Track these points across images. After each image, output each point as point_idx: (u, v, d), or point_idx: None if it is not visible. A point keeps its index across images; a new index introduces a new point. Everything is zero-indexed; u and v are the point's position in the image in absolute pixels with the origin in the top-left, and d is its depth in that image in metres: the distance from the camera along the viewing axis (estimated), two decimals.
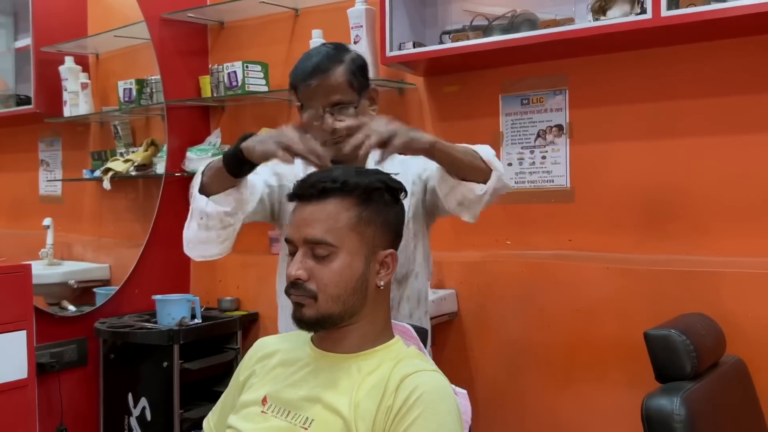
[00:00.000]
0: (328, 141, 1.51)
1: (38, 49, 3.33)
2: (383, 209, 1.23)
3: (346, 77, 1.55)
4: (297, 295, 1.20)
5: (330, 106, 1.52)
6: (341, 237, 1.18)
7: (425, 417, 1.08)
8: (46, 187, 3.89)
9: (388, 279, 1.24)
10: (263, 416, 1.20)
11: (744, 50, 1.94)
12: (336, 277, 1.17)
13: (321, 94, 1.52)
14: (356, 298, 1.19)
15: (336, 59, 1.56)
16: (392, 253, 1.24)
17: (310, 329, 1.24)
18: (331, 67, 1.54)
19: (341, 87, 1.54)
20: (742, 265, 1.94)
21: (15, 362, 2.06)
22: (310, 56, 1.57)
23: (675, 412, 1.43)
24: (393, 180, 1.26)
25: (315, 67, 1.54)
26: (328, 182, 1.20)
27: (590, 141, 2.21)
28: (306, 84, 1.53)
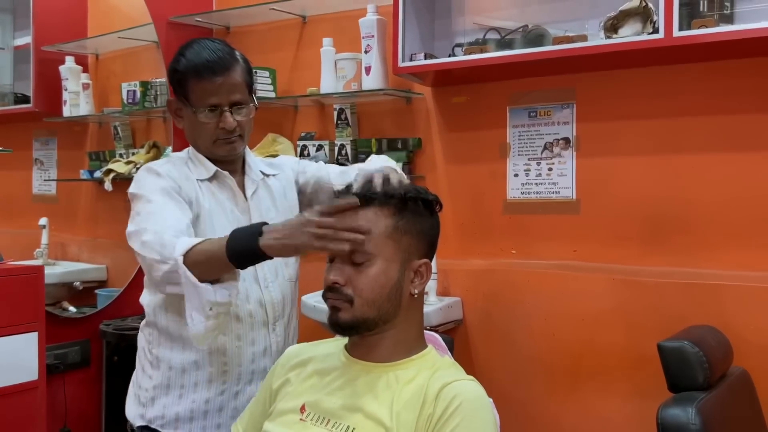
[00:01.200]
0: (220, 140, 1.54)
1: (38, 48, 3.32)
2: (419, 220, 1.27)
3: (244, 77, 1.56)
4: (334, 299, 1.23)
5: (229, 105, 1.52)
6: (378, 244, 1.22)
7: (465, 425, 1.12)
8: (39, 186, 3.86)
9: (422, 288, 1.28)
10: (302, 424, 1.23)
11: (751, 71, 2.00)
12: (372, 282, 1.21)
13: (224, 91, 1.51)
14: (391, 304, 1.23)
15: (234, 57, 1.55)
16: (426, 263, 1.27)
17: (344, 333, 1.27)
18: (233, 65, 1.54)
19: (240, 86, 1.55)
20: (745, 278, 2.00)
21: (26, 364, 2.06)
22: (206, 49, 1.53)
23: (691, 422, 1.47)
24: (428, 193, 1.30)
25: (220, 62, 1.51)
26: (369, 192, 1.25)
27: (597, 154, 2.26)
28: (209, 79, 1.50)
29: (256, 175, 1.66)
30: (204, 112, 1.52)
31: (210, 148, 1.57)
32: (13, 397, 2.02)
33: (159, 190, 1.49)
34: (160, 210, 1.46)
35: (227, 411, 1.59)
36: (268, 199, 1.66)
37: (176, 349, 1.57)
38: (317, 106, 2.82)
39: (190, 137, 1.61)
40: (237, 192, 1.62)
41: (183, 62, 1.53)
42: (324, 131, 2.80)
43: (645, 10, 1.96)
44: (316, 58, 2.66)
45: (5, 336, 2.02)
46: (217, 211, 1.57)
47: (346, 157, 2.65)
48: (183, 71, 1.53)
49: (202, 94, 1.51)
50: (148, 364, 1.61)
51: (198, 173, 1.58)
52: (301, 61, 2.85)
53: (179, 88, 1.55)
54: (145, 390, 1.59)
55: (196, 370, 1.56)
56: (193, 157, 1.61)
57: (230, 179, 1.61)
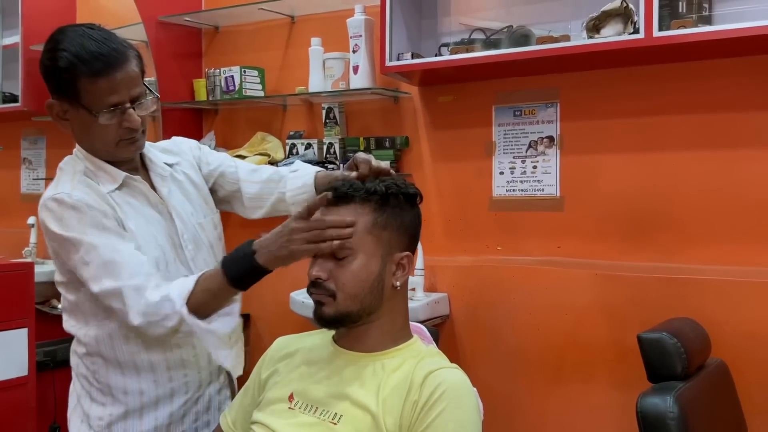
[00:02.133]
0: (124, 140, 1.39)
1: (27, 47, 3.33)
2: (399, 213, 1.29)
3: (139, 66, 1.39)
4: (317, 294, 1.27)
5: (131, 101, 1.36)
6: (358, 240, 1.24)
7: (449, 411, 1.15)
8: (28, 185, 3.87)
9: (405, 279, 1.31)
10: (291, 412, 1.26)
11: (729, 70, 2.06)
12: (353, 277, 1.24)
13: (124, 88, 1.34)
14: (373, 297, 1.26)
15: (125, 46, 1.37)
16: (408, 255, 1.30)
17: (329, 326, 1.30)
18: (128, 56, 1.36)
19: (138, 78, 1.38)
20: (723, 273, 2.05)
21: (16, 360, 2.07)
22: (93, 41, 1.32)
23: (669, 410, 1.52)
24: (409, 186, 1.32)
25: (115, 57, 1.33)
26: (349, 189, 1.27)
27: (580, 152, 2.31)
28: (109, 78, 1.31)
29: (163, 169, 1.53)
30: (104, 114, 1.34)
31: (112, 151, 1.41)
32: (4, 392, 2.04)
33: (90, 227, 1.35)
34: (110, 254, 1.34)
35: (190, 416, 1.55)
36: (180, 194, 1.55)
37: (130, 375, 1.47)
38: (306, 105, 2.85)
39: (84, 141, 1.43)
40: (151, 195, 1.49)
41: (66, 58, 1.31)
42: (312, 130, 2.83)
43: (626, 11, 2.01)
44: (304, 57, 2.69)
45: None
46: (139, 222, 1.44)
47: (335, 155, 2.69)
48: (70, 69, 1.31)
49: (99, 94, 1.32)
50: (96, 391, 1.50)
51: (105, 185, 1.42)
52: (290, 61, 2.88)
53: (65, 88, 1.34)
54: (98, 418, 1.48)
55: (155, 389, 1.49)
56: (90, 166, 1.43)
57: (141, 183, 1.47)
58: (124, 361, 1.47)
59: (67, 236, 1.35)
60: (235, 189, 1.65)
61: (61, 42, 1.34)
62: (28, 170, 3.86)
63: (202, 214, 1.58)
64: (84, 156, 1.45)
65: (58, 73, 1.34)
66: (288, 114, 2.91)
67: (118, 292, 1.34)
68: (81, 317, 1.48)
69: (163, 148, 1.60)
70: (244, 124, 3.01)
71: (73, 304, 1.48)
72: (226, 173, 1.64)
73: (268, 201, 1.63)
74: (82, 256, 1.35)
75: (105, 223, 1.37)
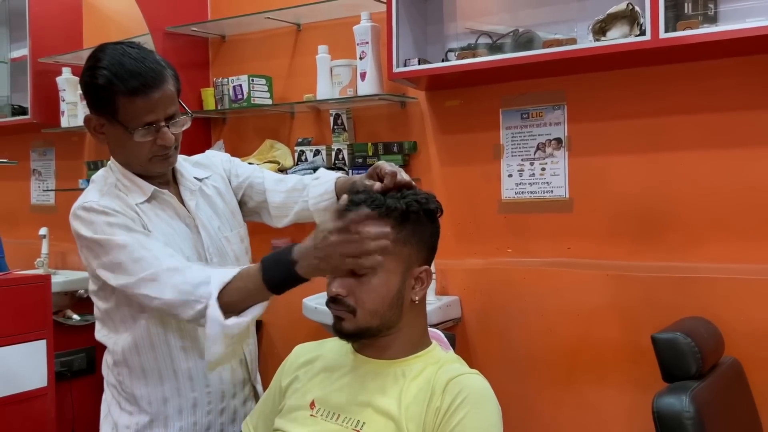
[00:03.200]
0: (157, 157, 1.43)
1: (35, 60, 3.36)
2: (419, 229, 1.29)
3: (175, 85, 1.42)
4: (337, 309, 1.27)
5: (166, 119, 1.40)
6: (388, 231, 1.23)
7: (472, 416, 1.17)
8: (38, 196, 3.90)
9: (423, 293, 1.31)
10: (313, 419, 1.28)
11: (735, 70, 2.07)
12: (373, 293, 1.24)
13: (161, 107, 1.38)
14: (392, 312, 1.26)
15: (162, 65, 1.41)
16: (427, 269, 1.31)
17: (349, 340, 1.31)
18: (166, 76, 1.39)
19: (174, 98, 1.42)
20: (734, 271, 2.06)
21: (36, 371, 2.09)
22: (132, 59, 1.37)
23: (685, 410, 1.53)
24: (429, 201, 1.32)
25: (153, 77, 1.36)
26: (370, 205, 1.26)
27: (588, 154, 2.32)
28: (147, 97, 1.35)
29: (192, 183, 1.58)
30: (139, 131, 1.38)
31: (146, 165, 1.46)
32: (25, 403, 2.06)
33: (119, 229, 1.39)
34: (140, 251, 1.37)
35: (215, 428, 1.57)
36: (207, 207, 1.59)
37: (153, 384, 1.51)
38: (313, 112, 2.87)
39: (119, 156, 1.47)
40: (179, 208, 1.53)
41: (106, 76, 1.36)
42: (321, 136, 2.85)
43: (632, 13, 2.02)
44: (311, 65, 2.71)
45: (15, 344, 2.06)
46: (167, 233, 1.48)
47: (343, 161, 2.71)
48: (108, 87, 1.36)
49: (135, 113, 1.37)
50: (123, 401, 1.55)
51: (134, 197, 1.47)
52: (297, 68, 2.91)
53: (103, 104, 1.38)
54: (125, 427, 1.53)
55: (178, 398, 1.52)
56: (122, 178, 1.48)
57: (169, 196, 1.52)
58: (149, 369, 1.51)
59: (97, 238, 1.39)
60: (262, 199, 1.68)
61: (101, 60, 1.38)
62: (37, 181, 3.90)
63: (229, 228, 1.61)
64: (117, 169, 1.49)
65: (97, 90, 1.38)
66: (296, 121, 2.93)
67: (154, 276, 1.36)
68: (111, 325, 1.53)
69: (196, 162, 1.64)
70: (253, 132, 3.04)
71: (104, 313, 1.53)
72: (254, 184, 1.68)
73: (292, 210, 1.65)
74: (113, 257, 1.38)
75: (132, 225, 1.41)
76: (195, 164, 1.64)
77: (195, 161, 1.65)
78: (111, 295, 1.49)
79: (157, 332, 1.49)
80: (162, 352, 1.50)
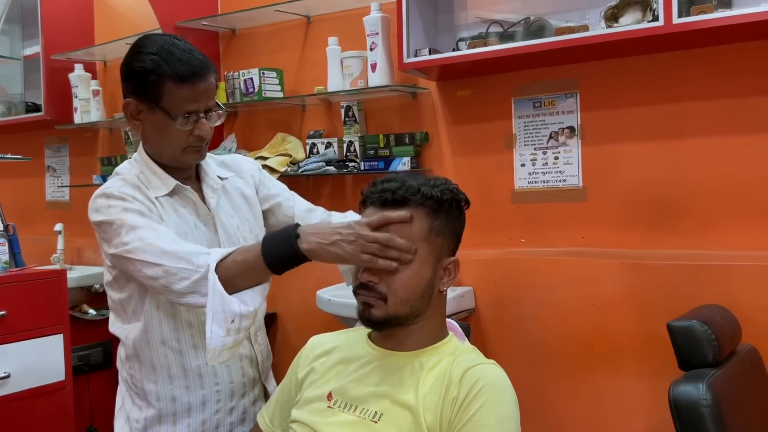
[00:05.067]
0: (191, 147, 1.46)
1: (48, 57, 3.38)
2: (451, 220, 1.29)
3: (216, 81, 1.47)
4: (367, 296, 1.26)
5: (206, 111, 1.44)
6: (414, 246, 1.24)
7: (488, 406, 1.17)
8: (53, 192, 3.93)
9: (451, 284, 1.31)
10: (330, 411, 1.28)
11: (750, 54, 2.04)
12: (407, 282, 1.24)
13: (203, 98, 1.42)
14: (422, 301, 1.26)
15: (209, 61, 1.45)
16: (456, 261, 1.31)
17: (376, 328, 1.30)
18: (211, 70, 1.44)
19: (214, 92, 1.46)
20: (751, 258, 2.04)
21: (54, 365, 2.12)
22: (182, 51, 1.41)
23: (702, 397, 1.52)
24: (459, 191, 1.32)
25: (202, 68, 1.41)
26: (405, 191, 1.25)
27: (601, 142, 2.31)
28: (193, 85, 1.39)
29: (215, 181, 1.58)
30: (181, 120, 1.41)
31: (177, 156, 1.47)
32: (43, 397, 2.08)
33: (135, 213, 1.41)
34: (152, 232, 1.38)
35: (224, 427, 1.58)
36: (228, 206, 1.59)
37: (162, 380, 1.52)
38: (324, 104, 2.87)
39: (152, 144, 1.49)
40: (199, 204, 1.54)
41: (155, 61, 1.39)
42: (332, 129, 2.85)
43: None
44: (322, 57, 2.71)
45: (33, 338, 2.08)
46: (182, 229, 1.49)
47: (355, 153, 2.70)
48: (160, 74, 1.39)
49: (181, 100, 1.40)
50: (134, 395, 1.56)
51: (155, 190, 1.48)
52: (308, 61, 2.90)
53: (148, 90, 1.40)
54: (135, 421, 1.54)
55: (187, 396, 1.53)
56: (145, 171, 1.50)
57: (191, 192, 1.53)
58: (158, 365, 1.51)
59: (110, 220, 1.40)
60: (287, 222, 1.67)
61: (147, 46, 1.41)
62: (52, 178, 3.92)
63: (248, 229, 1.61)
64: (142, 161, 1.51)
65: (145, 74, 1.39)
66: (307, 114, 2.93)
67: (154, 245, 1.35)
68: (124, 317, 1.54)
69: (221, 162, 1.65)
70: (264, 125, 3.04)
71: (117, 303, 1.54)
72: (283, 205, 1.68)
73: None
74: (122, 238, 1.38)
75: (146, 213, 1.42)
76: (220, 164, 1.64)
77: (220, 161, 1.65)
78: (126, 285, 1.49)
79: (168, 326, 1.50)
80: (172, 347, 1.51)
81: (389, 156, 2.62)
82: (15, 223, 2.67)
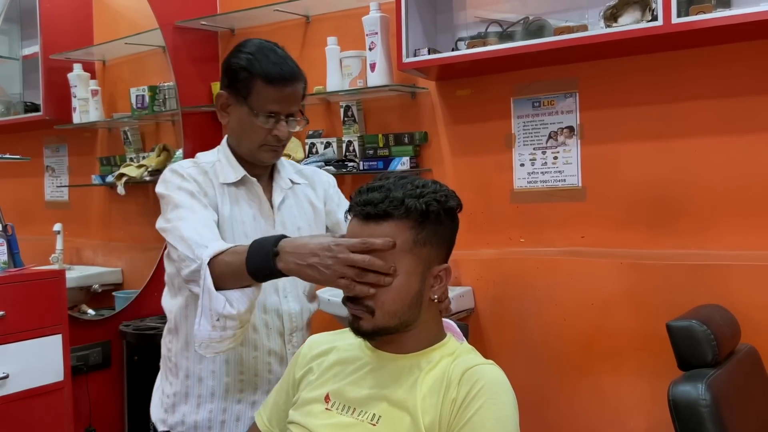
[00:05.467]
0: (267, 146, 1.54)
1: (47, 56, 3.37)
2: (439, 229, 1.24)
3: (302, 92, 1.57)
4: (355, 309, 1.25)
5: (287, 115, 1.53)
6: (398, 259, 1.20)
7: (488, 407, 1.16)
8: (52, 192, 3.92)
9: (441, 291, 1.28)
10: (328, 413, 1.27)
11: (749, 54, 2.04)
12: (393, 295, 1.21)
13: (286, 102, 1.52)
14: (411, 312, 1.24)
15: (300, 71, 1.56)
16: (447, 268, 1.27)
17: (366, 338, 1.29)
18: (300, 79, 1.56)
19: (299, 100, 1.57)
20: (750, 258, 2.04)
21: (52, 365, 2.11)
22: (280, 58, 1.53)
23: (701, 397, 1.52)
24: (449, 198, 1.26)
25: (292, 75, 1.52)
26: (388, 205, 1.21)
27: (601, 142, 2.31)
28: (279, 88, 1.50)
29: (285, 182, 1.65)
30: (262, 117, 1.51)
31: (254, 151, 1.56)
32: (41, 397, 2.08)
33: (186, 193, 1.50)
34: (190, 214, 1.47)
35: (244, 421, 1.59)
36: (294, 209, 1.65)
37: (193, 358, 1.57)
38: (323, 104, 2.87)
39: (235, 135, 1.59)
40: (263, 199, 1.61)
41: (251, 62, 1.50)
42: (331, 128, 2.85)
43: None
44: (321, 56, 2.70)
45: (32, 339, 2.08)
46: (239, 218, 1.56)
47: (354, 153, 2.70)
48: (252, 72, 1.50)
49: (265, 100, 1.50)
50: (168, 370, 1.63)
51: (224, 176, 1.57)
52: (306, 61, 2.88)
53: (239, 85, 1.51)
54: (167, 396, 1.62)
55: (212, 380, 1.57)
56: (222, 158, 1.59)
57: (257, 185, 1.60)
58: (191, 342, 1.54)
59: (165, 194, 1.52)
60: None
61: (247, 47, 1.55)
62: (51, 178, 3.91)
63: (309, 233, 1.64)
64: (222, 150, 1.61)
65: (239, 70, 1.51)
66: (306, 113, 2.91)
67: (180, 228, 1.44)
68: (172, 291, 1.62)
69: (299, 170, 1.74)
70: None
71: (168, 277, 1.62)
72: (341, 224, 1.70)
73: None
74: (167, 211, 1.50)
75: (197, 194, 1.51)
76: (297, 171, 1.72)
77: (299, 169, 1.74)
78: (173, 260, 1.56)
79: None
80: None
81: (388, 156, 2.62)
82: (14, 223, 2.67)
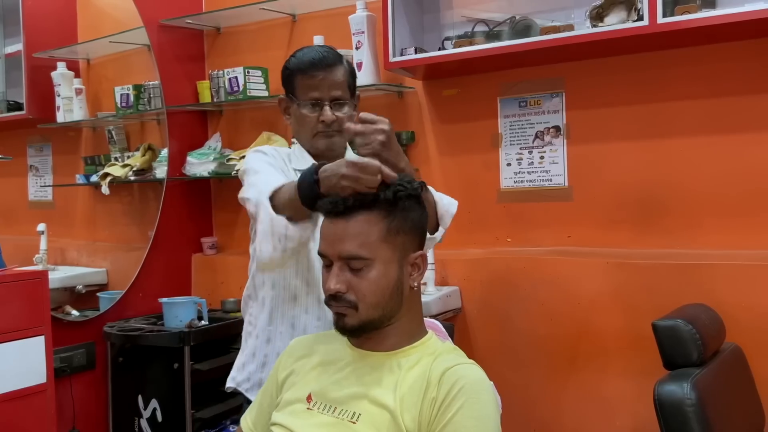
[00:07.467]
0: (320, 133, 1.61)
1: (30, 55, 3.33)
2: (408, 215, 1.27)
3: (346, 77, 1.64)
4: (338, 306, 1.25)
5: (330, 100, 1.60)
6: (374, 249, 1.23)
7: (468, 406, 1.16)
8: (35, 192, 3.88)
9: (421, 278, 1.30)
10: (309, 413, 1.26)
11: (733, 54, 2.05)
12: (373, 286, 1.23)
13: (325, 87, 1.59)
14: (394, 302, 1.25)
15: (338, 58, 1.65)
16: (422, 254, 1.29)
17: (353, 335, 1.29)
18: (336, 64, 1.63)
19: (342, 85, 1.62)
20: (735, 257, 2.05)
21: (34, 367, 2.09)
22: (313, 49, 1.64)
23: (686, 397, 1.52)
24: (413, 181, 1.29)
25: (323, 59, 1.61)
26: (352, 200, 1.24)
27: (587, 141, 2.31)
28: (312, 74, 1.59)
29: None
30: (306, 106, 1.59)
31: (311, 140, 1.63)
32: (24, 400, 2.05)
33: (266, 163, 1.61)
34: (265, 176, 1.56)
35: None
36: None
37: (263, 319, 1.67)
38: None
39: (295, 131, 1.69)
40: None
41: (290, 60, 1.64)
42: None
43: None
44: None
45: (14, 340, 2.05)
46: None
47: None
48: (291, 68, 1.63)
49: (305, 89, 1.60)
50: (248, 334, 1.73)
51: (297, 164, 1.66)
52: None
53: (288, 85, 1.64)
54: (244, 354, 1.72)
55: (278, 342, 1.65)
56: (296, 150, 1.69)
57: None
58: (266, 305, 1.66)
59: (247, 167, 1.61)
60: None
61: (296, 52, 1.67)
62: (35, 177, 3.87)
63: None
64: (297, 147, 1.69)
65: (285, 72, 1.65)
66: None
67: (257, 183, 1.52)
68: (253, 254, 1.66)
69: None
70: (249, 124, 3.02)
71: (252, 244, 1.64)
72: None
73: None
74: (249, 179, 1.58)
75: (276, 166, 1.60)
76: None
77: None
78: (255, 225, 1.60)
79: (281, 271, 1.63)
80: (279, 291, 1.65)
81: None
82: None
